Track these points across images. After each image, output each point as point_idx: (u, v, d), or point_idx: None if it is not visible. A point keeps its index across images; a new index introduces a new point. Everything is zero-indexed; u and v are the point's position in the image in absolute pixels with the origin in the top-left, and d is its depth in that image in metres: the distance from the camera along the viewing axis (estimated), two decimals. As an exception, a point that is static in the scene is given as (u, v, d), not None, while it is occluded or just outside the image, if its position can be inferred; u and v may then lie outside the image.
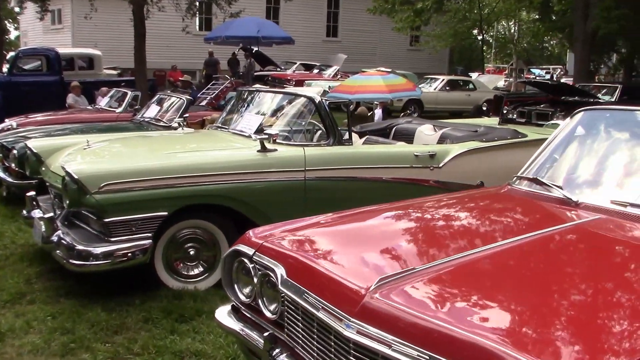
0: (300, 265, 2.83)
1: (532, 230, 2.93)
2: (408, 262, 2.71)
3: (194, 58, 29.67)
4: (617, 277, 2.50)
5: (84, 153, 5.51)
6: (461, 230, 3.16)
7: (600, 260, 2.69)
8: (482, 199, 3.78)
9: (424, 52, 36.76)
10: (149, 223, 4.85)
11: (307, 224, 3.36)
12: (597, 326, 2.08)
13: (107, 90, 14.46)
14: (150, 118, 8.68)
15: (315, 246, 3.07)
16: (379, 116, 13.56)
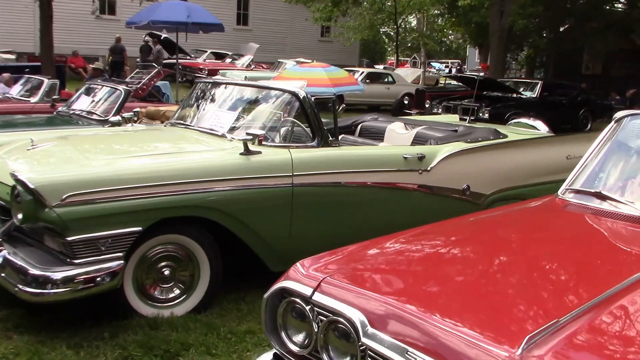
0: (393, 313, 2.22)
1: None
2: (542, 309, 2.17)
3: (97, 43, 28.10)
4: None
5: (30, 156, 4.62)
6: (574, 263, 2.64)
7: None
8: (553, 219, 3.27)
9: (335, 43, 36.53)
10: (121, 241, 4.07)
11: (374, 253, 2.76)
12: None
13: (9, 77, 13.15)
14: (82, 111, 7.69)
15: (399, 284, 2.48)
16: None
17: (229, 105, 5.45)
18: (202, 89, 5.98)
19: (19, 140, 5.24)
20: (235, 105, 5.44)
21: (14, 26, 25.74)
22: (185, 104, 6.02)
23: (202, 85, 6.01)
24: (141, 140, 5.30)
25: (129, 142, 5.17)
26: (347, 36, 29.71)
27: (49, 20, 14.86)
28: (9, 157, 4.69)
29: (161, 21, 13.35)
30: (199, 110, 5.74)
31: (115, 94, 7.73)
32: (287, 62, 25.06)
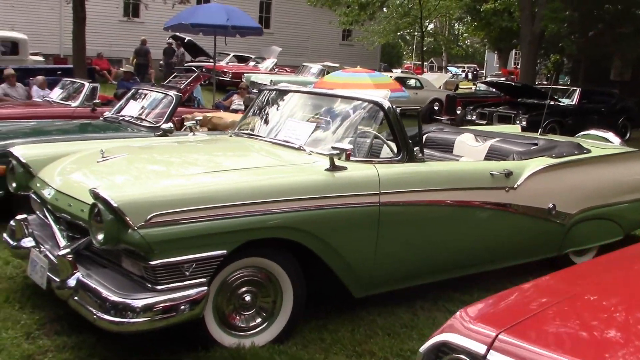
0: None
1: None
2: None
3: (121, 46, 27.89)
4: None
5: (102, 169, 4.28)
6: None
7: None
8: None
9: (356, 47, 36.23)
10: (205, 265, 3.71)
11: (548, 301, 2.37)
12: None
13: (43, 80, 12.87)
14: (131, 117, 7.35)
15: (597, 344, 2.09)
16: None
17: (303, 115, 5.10)
18: (268, 97, 5.62)
19: (81, 150, 4.92)
20: (309, 116, 5.08)
21: (39, 28, 25.54)
22: (250, 112, 5.66)
23: (268, 93, 5.65)
24: (215, 152, 4.95)
25: (203, 155, 4.81)
26: (372, 40, 29.32)
27: (82, 22, 14.59)
28: (79, 170, 4.35)
29: (200, 24, 13.03)
30: (267, 120, 5.39)
31: (165, 100, 7.39)
32: (313, 66, 24.74)
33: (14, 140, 6.44)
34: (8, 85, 12.38)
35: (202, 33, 14.34)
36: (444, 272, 5.06)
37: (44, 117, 9.17)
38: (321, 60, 29.26)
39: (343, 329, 4.44)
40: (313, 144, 4.71)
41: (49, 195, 4.27)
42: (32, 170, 4.69)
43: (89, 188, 3.86)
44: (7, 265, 5.33)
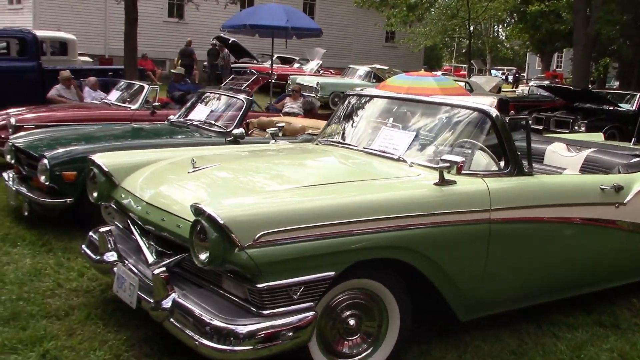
0: None
1: None
2: None
3: (164, 46, 27.88)
4: None
5: (196, 181, 3.99)
6: None
7: None
8: None
9: (400, 49, 35.87)
10: (314, 288, 3.41)
11: None
12: None
13: (95, 81, 12.73)
14: (200, 121, 7.08)
15: None
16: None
17: (397, 123, 4.76)
18: (356, 103, 5.31)
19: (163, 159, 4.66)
20: (406, 124, 4.75)
21: (85, 28, 25.59)
22: (336, 118, 5.35)
23: (357, 99, 5.33)
24: (310, 163, 4.64)
25: (299, 167, 4.51)
26: (418, 42, 28.89)
27: (134, 23, 14.48)
28: (169, 181, 4.08)
29: (259, 25, 12.78)
30: (357, 128, 5.08)
31: (235, 104, 7.10)
32: (360, 68, 24.38)
33: (86, 146, 6.24)
34: (63, 87, 12.27)
35: (259, 35, 14.08)
36: (550, 294, 4.71)
37: (104, 120, 9.00)
38: (364, 62, 28.94)
39: (449, 356, 4.12)
40: (413, 154, 4.39)
41: (137, 208, 4.00)
42: (114, 180, 4.43)
43: (186, 202, 3.62)
44: (81, 277, 5.10)
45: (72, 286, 4.89)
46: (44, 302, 4.57)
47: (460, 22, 27.96)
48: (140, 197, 4.05)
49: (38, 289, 4.81)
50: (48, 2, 25.96)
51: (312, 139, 6.80)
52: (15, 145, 6.67)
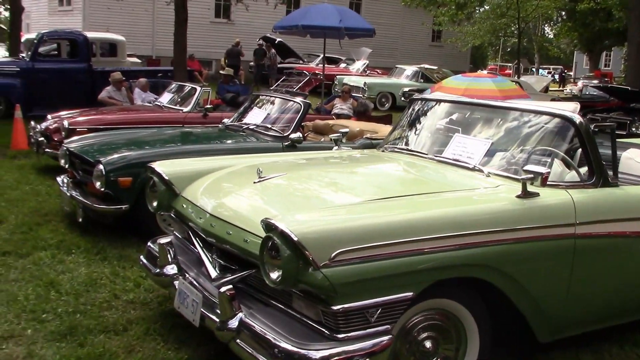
0: None
1: None
2: None
3: (211, 47, 27.91)
4: None
5: (263, 191, 3.78)
6: None
7: None
8: None
9: (446, 48, 35.37)
10: (391, 309, 3.16)
11: None
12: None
13: (146, 82, 12.68)
14: (256, 125, 6.88)
15: None
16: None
17: (471, 130, 4.49)
18: (423, 107, 5.04)
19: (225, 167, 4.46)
20: (479, 130, 4.47)
21: (133, 29, 25.77)
22: (402, 124, 5.09)
23: (423, 103, 5.07)
24: (380, 173, 4.40)
25: (368, 177, 4.27)
26: (466, 40, 28.38)
27: (184, 24, 14.39)
28: (234, 191, 3.87)
29: (312, 26, 12.57)
30: (426, 135, 4.81)
31: (292, 107, 6.89)
32: (407, 68, 24.02)
33: (142, 152, 6.11)
34: (114, 89, 12.25)
35: (310, 35, 13.87)
36: (635, 313, 4.38)
37: (156, 123, 8.90)
38: (410, 62, 28.56)
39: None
40: (489, 164, 4.11)
41: (200, 220, 3.80)
42: (174, 189, 4.24)
43: (253, 215, 3.43)
44: (138, 288, 4.95)
45: (129, 298, 4.74)
46: (101, 315, 4.42)
47: (509, 20, 27.34)
48: (203, 208, 3.85)
49: (94, 300, 4.67)
50: (97, 4, 26.23)
51: (370, 143, 6.58)
52: (69, 150, 6.57)
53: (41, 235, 5.98)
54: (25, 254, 5.52)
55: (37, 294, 4.69)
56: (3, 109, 13.64)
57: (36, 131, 8.99)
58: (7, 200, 7.24)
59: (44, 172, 8.92)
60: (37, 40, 14.49)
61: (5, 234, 6.02)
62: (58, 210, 6.84)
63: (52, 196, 7.56)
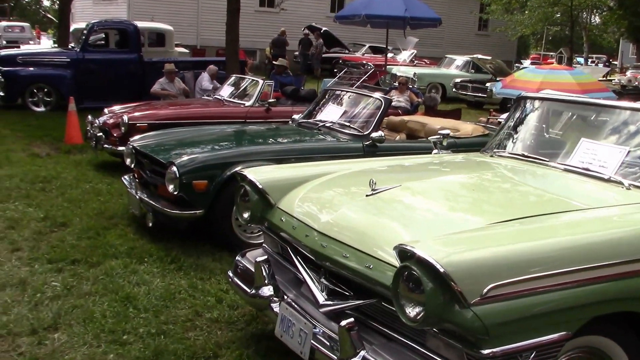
0: None
1: None
2: None
3: (255, 37, 27.50)
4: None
5: (380, 207, 3.31)
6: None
7: None
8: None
9: (492, 37, 34.52)
10: (546, 351, 2.68)
11: None
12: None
13: (215, 70, 12.33)
14: (332, 123, 6.41)
15: None
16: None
17: (596, 134, 3.97)
18: (535, 107, 4.53)
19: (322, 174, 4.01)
20: (605, 134, 3.95)
21: (178, 19, 25.45)
22: (511, 125, 4.57)
23: (535, 103, 4.55)
24: (502, 186, 3.89)
25: (490, 190, 3.76)
26: (517, 30, 27.53)
27: (236, 13, 13.96)
28: (345, 205, 3.40)
29: (376, 15, 12.07)
30: (541, 138, 4.31)
31: (371, 103, 6.40)
32: (458, 58, 23.32)
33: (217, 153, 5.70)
34: (167, 81, 11.90)
35: (371, 25, 13.34)
36: None
37: (219, 117, 8.53)
38: (456, 51, 27.83)
39: None
40: (628, 174, 3.60)
41: (306, 237, 3.35)
42: (269, 199, 3.80)
43: (377, 236, 2.99)
44: (220, 304, 4.55)
45: (213, 316, 4.33)
46: (185, 337, 4.03)
47: (561, 9, 26.38)
48: (308, 224, 3.40)
49: (175, 318, 4.28)
50: (142, -6, 26.03)
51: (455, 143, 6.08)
52: (136, 148, 6.20)
53: (110, 242, 5.61)
54: (95, 262, 5.16)
55: (115, 311, 4.31)
56: (54, 100, 13.37)
57: (94, 126, 8.67)
58: (69, 200, 6.91)
59: (102, 169, 8.60)
60: (88, 30, 14.20)
61: (72, 239, 5.67)
62: (123, 213, 6.48)
63: (114, 196, 7.22)
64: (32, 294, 4.54)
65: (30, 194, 7.05)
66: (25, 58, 13.45)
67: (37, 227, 5.99)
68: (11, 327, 4.03)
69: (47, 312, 4.25)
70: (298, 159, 5.70)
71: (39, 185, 7.50)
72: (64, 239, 5.67)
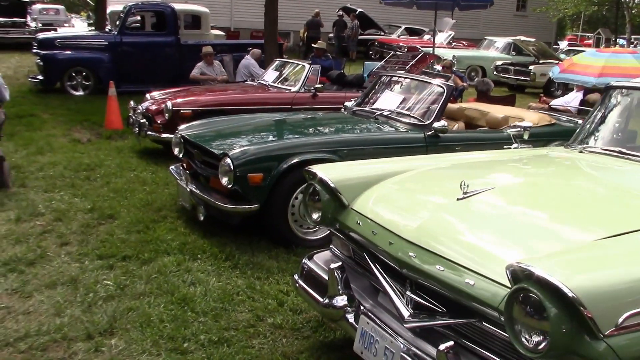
0: None
1: None
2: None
3: (288, 18, 27.07)
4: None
5: (477, 215, 2.97)
6: None
7: None
8: None
9: (530, 18, 33.71)
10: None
11: None
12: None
13: (259, 53, 12.02)
14: (390, 111, 6.06)
15: None
16: (579, 102, 10.76)
17: None
18: (628, 97, 4.13)
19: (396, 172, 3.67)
20: None
21: (212, 1, 25.11)
22: (599, 118, 4.18)
23: (629, 93, 4.15)
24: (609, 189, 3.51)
25: (595, 193, 3.38)
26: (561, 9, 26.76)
27: (276, -6, 13.64)
28: (435, 212, 3.06)
29: (425, -4, 11.63)
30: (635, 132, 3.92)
31: (432, 90, 6.02)
32: (498, 40, 22.71)
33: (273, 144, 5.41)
34: (205, 64, 11.62)
35: (418, 7, 12.90)
36: None
37: (264, 104, 8.24)
38: (493, 33, 27.20)
39: None
40: None
41: (390, 245, 3.02)
42: (342, 200, 3.48)
43: (475, 248, 2.66)
44: (281, 307, 4.25)
45: (276, 321, 4.04)
46: (249, 345, 3.75)
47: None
48: (393, 230, 3.07)
49: (236, 323, 4.00)
50: (176, -25, 25.71)
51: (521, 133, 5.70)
52: (185, 138, 5.93)
53: (160, 236, 5.35)
54: (147, 259, 4.91)
55: (172, 314, 4.04)
56: (92, 84, 13.18)
57: (137, 112, 8.43)
58: (114, 190, 6.68)
59: (145, 156, 8.37)
60: (125, 12, 13.94)
61: (121, 233, 5.43)
62: (172, 205, 6.23)
63: (160, 185, 6.98)
64: (84, 293, 4.31)
65: (75, 183, 6.84)
66: (64, 41, 13.25)
67: (85, 219, 5.76)
68: (66, 331, 3.79)
69: (101, 314, 4.01)
70: (357, 150, 5.40)
71: (83, 173, 7.29)
72: (112, 233, 5.44)
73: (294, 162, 5.12)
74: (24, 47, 19.52)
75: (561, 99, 11.16)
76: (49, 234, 5.39)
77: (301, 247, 5.21)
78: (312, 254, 3.84)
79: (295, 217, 5.26)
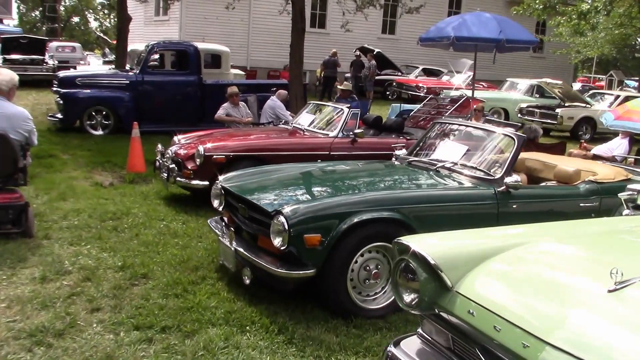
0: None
1: None
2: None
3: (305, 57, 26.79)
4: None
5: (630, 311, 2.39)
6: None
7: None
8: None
9: (548, 59, 33.45)
10: None
11: None
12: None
13: (286, 95, 11.56)
14: (453, 163, 5.50)
15: None
16: (625, 149, 10.24)
17: None
18: None
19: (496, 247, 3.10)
20: None
21: (228, 40, 24.87)
22: None
23: None
24: None
25: None
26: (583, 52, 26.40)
27: (302, 33, 13.29)
28: (581, 308, 2.47)
29: (467, 37, 11.21)
30: None
31: (499, 141, 5.47)
32: (520, 82, 22.28)
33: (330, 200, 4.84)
34: (231, 105, 11.14)
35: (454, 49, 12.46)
36: None
37: (301, 149, 7.73)
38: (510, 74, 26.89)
39: None
40: None
41: (526, 350, 2.42)
42: (445, 280, 2.90)
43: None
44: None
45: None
46: None
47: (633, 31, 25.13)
48: (529, 330, 2.46)
49: (305, 416, 3.40)
50: (194, 14, 25.54)
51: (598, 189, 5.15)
52: (227, 190, 5.39)
53: (202, 302, 4.77)
54: (190, 331, 4.32)
55: (228, 406, 3.44)
56: (112, 123, 12.73)
57: (165, 157, 7.92)
58: (145, 243, 6.12)
59: (172, 203, 7.84)
60: (148, 51, 13.54)
61: (158, 297, 4.86)
62: (209, 263, 5.67)
63: (193, 238, 6.43)
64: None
65: (102, 235, 6.29)
66: (85, 80, 12.83)
67: (116, 279, 5.20)
68: None
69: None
70: (421, 207, 4.84)
71: (110, 223, 6.75)
72: (148, 297, 4.86)
73: (355, 222, 4.56)
74: (41, 84, 19.24)
75: (604, 145, 10.63)
76: (78, 296, 4.82)
77: (360, 317, 4.64)
78: (399, 340, 3.25)
79: (353, 282, 4.69)
